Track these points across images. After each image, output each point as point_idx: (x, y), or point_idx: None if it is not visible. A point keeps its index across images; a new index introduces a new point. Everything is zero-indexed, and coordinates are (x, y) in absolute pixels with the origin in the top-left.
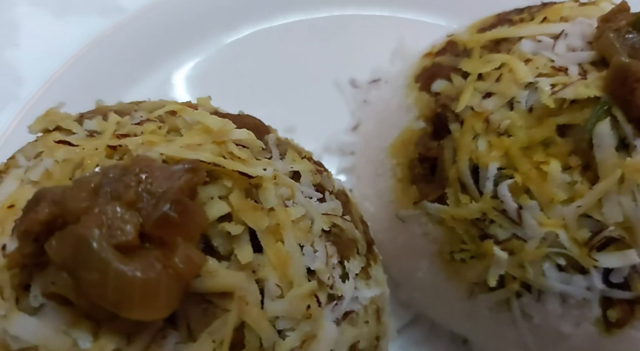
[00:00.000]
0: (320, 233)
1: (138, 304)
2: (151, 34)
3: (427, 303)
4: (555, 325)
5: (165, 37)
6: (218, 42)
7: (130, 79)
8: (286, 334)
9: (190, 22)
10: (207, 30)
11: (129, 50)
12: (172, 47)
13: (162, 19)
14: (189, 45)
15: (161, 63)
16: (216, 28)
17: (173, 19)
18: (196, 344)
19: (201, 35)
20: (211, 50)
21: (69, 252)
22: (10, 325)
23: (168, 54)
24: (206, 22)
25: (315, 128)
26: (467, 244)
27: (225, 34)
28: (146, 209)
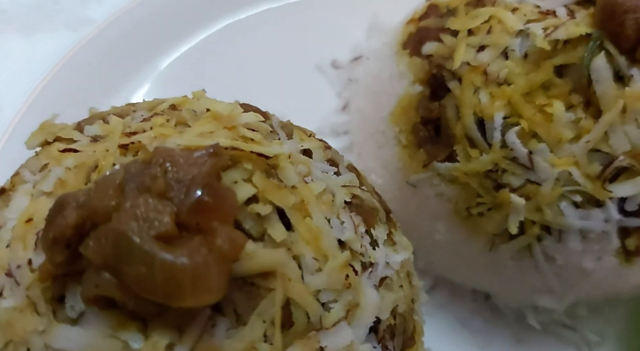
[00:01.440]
0: (343, 205)
1: (190, 291)
2: (123, 42)
3: (446, 265)
4: (577, 262)
5: (137, 43)
6: (190, 41)
7: (109, 87)
8: (330, 306)
9: (160, 26)
10: (178, 31)
11: (103, 60)
12: (145, 51)
13: (131, 26)
14: (162, 48)
15: (137, 68)
16: (186, 27)
17: (142, 25)
18: (248, 327)
19: (172, 37)
20: (184, 49)
21: (108, 250)
22: (52, 339)
23: (142, 59)
24: (175, 23)
25: (305, 114)
26: (482, 197)
27: (195, 32)
28: (178, 197)
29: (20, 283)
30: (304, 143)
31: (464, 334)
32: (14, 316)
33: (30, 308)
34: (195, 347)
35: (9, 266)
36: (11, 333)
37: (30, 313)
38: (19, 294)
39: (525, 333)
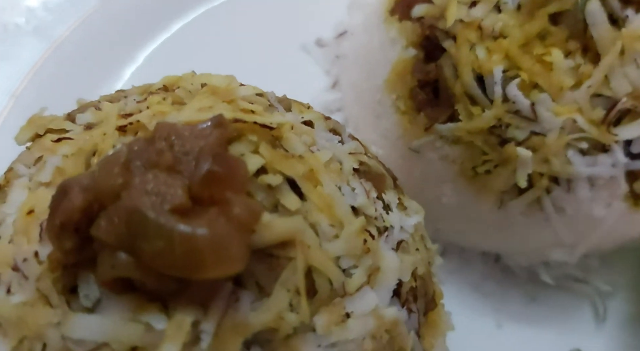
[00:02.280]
0: (351, 172)
1: (212, 262)
2: (97, 40)
3: (455, 229)
4: (587, 211)
5: (112, 38)
6: (167, 31)
7: (88, 85)
8: (351, 272)
9: (133, 19)
10: (154, 22)
11: (79, 58)
12: (121, 46)
13: (105, 22)
14: (137, 42)
15: (114, 64)
16: (161, 18)
17: (115, 19)
18: (272, 297)
19: (147, 29)
20: (161, 39)
21: (122, 228)
22: (70, 329)
23: (119, 54)
24: (150, 14)
25: (294, 95)
26: (488, 154)
27: (171, 21)
28: (188, 170)
29: (29, 276)
30: (304, 115)
31: (478, 298)
32: (25, 311)
33: (41, 301)
34: (221, 322)
35: (14, 261)
36: (24, 329)
37: (42, 306)
38: (28, 288)
39: (539, 291)
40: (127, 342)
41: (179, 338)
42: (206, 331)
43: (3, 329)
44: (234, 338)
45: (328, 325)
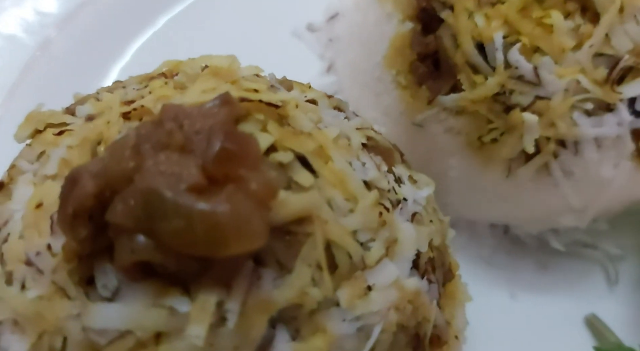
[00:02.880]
0: (360, 147)
1: (234, 238)
2: (85, 37)
3: (463, 203)
4: (595, 173)
5: (100, 36)
6: (155, 24)
7: (78, 83)
8: (369, 245)
9: (120, 15)
10: (139, 18)
11: (67, 56)
12: (108, 43)
13: (92, 20)
14: (125, 38)
15: (103, 62)
16: (149, 11)
17: (102, 17)
18: (294, 273)
19: (135, 24)
20: (149, 33)
21: (139, 211)
22: (91, 320)
23: (106, 51)
24: (136, 9)
25: None
26: (494, 122)
27: (159, 15)
28: (200, 149)
29: (43, 270)
30: (307, 94)
31: (489, 271)
32: (42, 306)
33: (58, 294)
34: (246, 301)
35: (26, 256)
36: (43, 323)
37: (60, 299)
38: (43, 282)
39: (549, 259)
40: (151, 328)
41: (204, 319)
42: (231, 311)
43: (20, 327)
44: (259, 316)
45: (351, 299)
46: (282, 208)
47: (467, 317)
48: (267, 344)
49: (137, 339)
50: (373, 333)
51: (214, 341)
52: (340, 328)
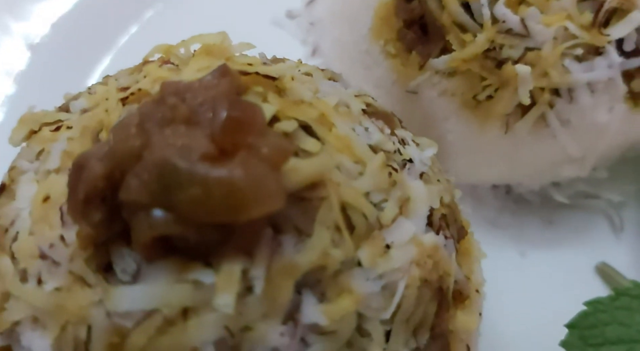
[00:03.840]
0: (361, 113)
1: (252, 201)
2: (67, 44)
3: (463, 166)
4: (591, 118)
5: (80, 42)
6: (138, 21)
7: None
8: (382, 206)
9: (101, 18)
10: (120, 16)
11: (55, 60)
12: (89, 50)
13: (74, 27)
14: (104, 43)
15: (84, 69)
16: (132, 8)
17: (84, 20)
18: (314, 236)
19: (117, 23)
20: (133, 30)
21: (153, 184)
22: (114, 304)
23: (87, 59)
24: (114, 9)
25: None
26: (487, 79)
27: (142, 11)
28: (206, 120)
29: (59, 261)
30: (301, 68)
31: (496, 233)
32: (62, 297)
33: (77, 283)
34: (270, 267)
35: (39, 250)
36: (65, 314)
37: (80, 288)
38: (60, 273)
39: (554, 214)
40: (178, 304)
41: (231, 287)
42: (257, 277)
43: (41, 323)
44: (285, 281)
45: (372, 257)
46: (293, 174)
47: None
48: (295, 310)
49: (164, 317)
50: (398, 289)
51: (243, 310)
52: (365, 287)
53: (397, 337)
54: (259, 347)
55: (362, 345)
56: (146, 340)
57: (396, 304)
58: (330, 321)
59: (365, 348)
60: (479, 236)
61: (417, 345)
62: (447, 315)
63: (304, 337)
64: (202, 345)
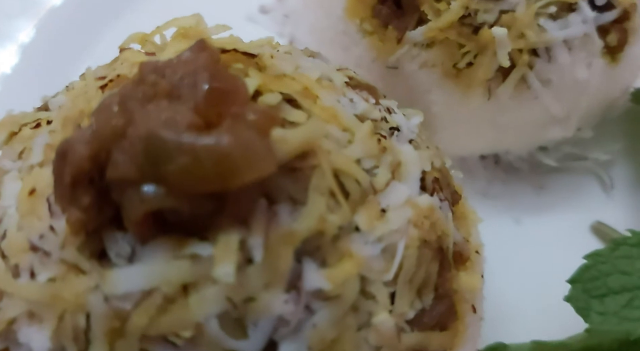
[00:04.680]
0: (344, 85)
1: (243, 166)
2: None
3: (450, 138)
4: (571, 76)
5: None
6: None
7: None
8: (374, 172)
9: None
10: (95, 20)
11: (41, 60)
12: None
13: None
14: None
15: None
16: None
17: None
18: (309, 203)
19: (93, 27)
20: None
21: (141, 158)
22: (112, 287)
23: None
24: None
25: None
26: (465, 46)
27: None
28: (189, 92)
29: (51, 251)
30: (280, 48)
31: (489, 203)
32: (57, 287)
33: (72, 271)
34: (268, 236)
35: (30, 242)
36: (61, 304)
37: (74, 275)
38: (52, 264)
39: (544, 180)
40: (177, 280)
41: (230, 257)
42: (255, 246)
43: (37, 317)
44: (284, 249)
45: (370, 221)
46: (283, 144)
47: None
48: (296, 278)
49: (164, 295)
50: (398, 250)
51: (244, 281)
52: (365, 250)
53: (402, 298)
54: (263, 317)
55: (367, 308)
56: (147, 320)
57: (398, 265)
58: (333, 285)
59: (371, 311)
60: (472, 207)
61: (423, 305)
62: (449, 275)
63: (309, 304)
64: (205, 319)
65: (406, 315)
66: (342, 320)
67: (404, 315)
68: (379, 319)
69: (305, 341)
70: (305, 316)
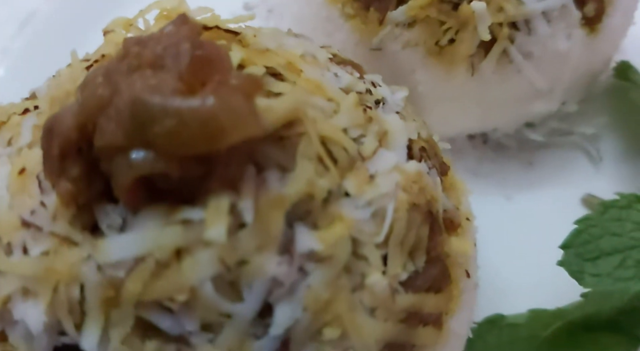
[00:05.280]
0: (328, 60)
1: (229, 126)
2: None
3: (437, 118)
4: (552, 48)
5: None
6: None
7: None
8: (361, 141)
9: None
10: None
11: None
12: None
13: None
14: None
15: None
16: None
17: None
18: (298, 168)
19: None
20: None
21: (127, 123)
22: (104, 255)
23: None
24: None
25: None
26: (446, 22)
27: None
28: (171, 62)
29: (42, 225)
30: (262, 30)
31: (479, 182)
32: (49, 260)
33: (64, 244)
34: (258, 199)
35: (21, 219)
36: (55, 276)
37: (67, 248)
38: (45, 237)
39: (533, 156)
40: (169, 245)
41: (221, 219)
42: (246, 209)
43: (32, 292)
44: (275, 213)
45: (359, 186)
46: (269, 114)
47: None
48: (289, 243)
49: (157, 261)
50: (387, 212)
51: (236, 244)
52: (355, 214)
53: (394, 260)
54: (257, 279)
55: (360, 269)
56: (142, 286)
57: (388, 227)
58: (325, 246)
59: (364, 272)
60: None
61: (416, 268)
62: (440, 238)
63: (302, 266)
64: (199, 283)
65: (399, 276)
66: (335, 281)
67: (397, 276)
68: (372, 280)
69: (300, 303)
70: (299, 278)
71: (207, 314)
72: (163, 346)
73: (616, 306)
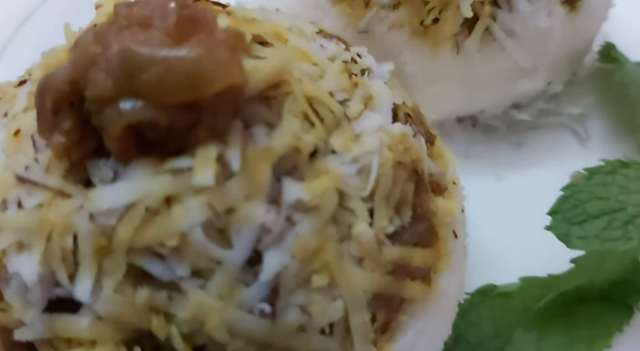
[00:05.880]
0: (314, 33)
1: (214, 73)
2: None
3: (424, 99)
4: (533, 25)
5: None
6: None
7: None
8: (347, 104)
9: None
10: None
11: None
12: None
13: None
14: None
15: None
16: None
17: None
18: (284, 122)
19: None
20: None
21: (117, 73)
22: (96, 204)
23: None
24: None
25: None
26: (430, 2)
27: None
28: (159, 21)
29: (36, 180)
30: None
31: (469, 164)
32: (43, 212)
33: (58, 196)
34: (245, 151)
35: (16, 176)
36: (49, 225)
37: (60, 199)
38: (39, 191)
39: (521, 137)
40: (159, 193)
41: (209, 165)
42: (234, 158)
43: (26, 245)
44: (262, 164)
45: (345, 143)
46: (255, 74)
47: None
48: (277, 195)
49: (147, 207)
50: (372, 168)
51: (225, 192)
52: (341, 169)
53: (380, 213)
54: (246, 226)
55: (347, 220)
56: (133, 232)
57: (373, 181)
58: (312, 196)
59: (350, 223)
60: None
61: (402, 223)
62: (426, 197)
63: (290, 216)
64: (189, 228)
65: (385, 229)
66: (323, 230)
67: (383, 229)
68: (358, 230)
69: (289, 250)
70: (287, 227)
71: (198, 260)
72: (154, 293)
73: (608, 277)
